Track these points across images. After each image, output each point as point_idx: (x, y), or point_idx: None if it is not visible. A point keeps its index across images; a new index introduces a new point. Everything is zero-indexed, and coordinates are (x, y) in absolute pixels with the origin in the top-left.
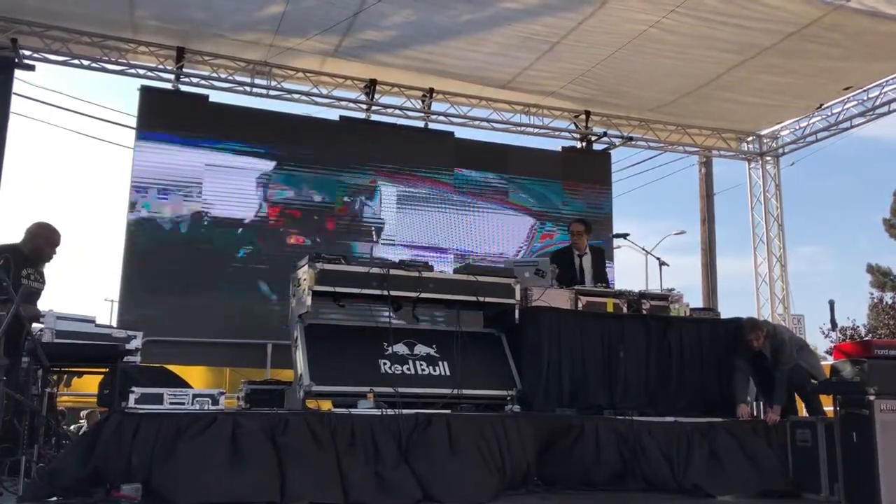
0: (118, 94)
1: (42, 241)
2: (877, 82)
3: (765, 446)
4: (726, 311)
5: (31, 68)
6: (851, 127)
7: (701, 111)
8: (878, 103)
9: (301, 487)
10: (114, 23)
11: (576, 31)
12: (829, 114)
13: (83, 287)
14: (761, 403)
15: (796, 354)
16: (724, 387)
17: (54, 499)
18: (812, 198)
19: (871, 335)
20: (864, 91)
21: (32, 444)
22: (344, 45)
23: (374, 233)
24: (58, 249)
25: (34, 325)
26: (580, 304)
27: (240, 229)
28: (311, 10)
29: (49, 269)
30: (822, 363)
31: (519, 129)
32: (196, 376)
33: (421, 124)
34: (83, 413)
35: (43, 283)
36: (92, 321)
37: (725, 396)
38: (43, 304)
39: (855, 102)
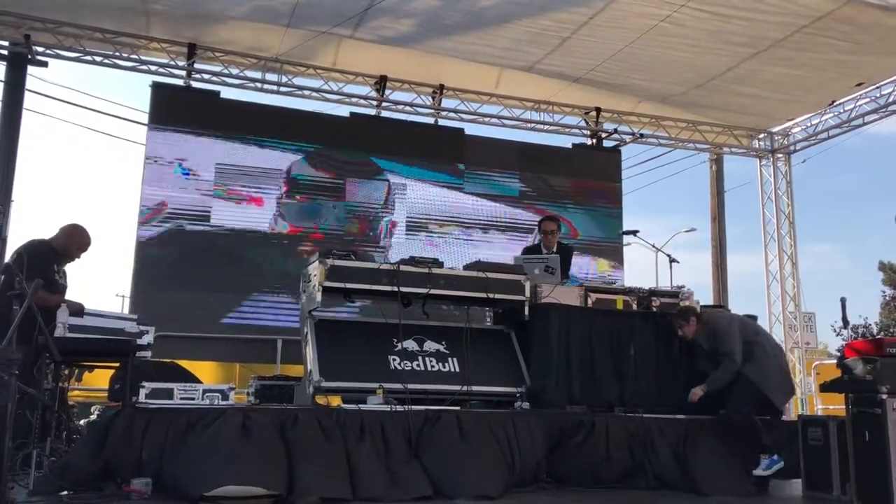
0: (131, 91)
1: (73, 242)
2: (890, 78)
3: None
4: (737, 308)
5: (44, 65)
6: (864, 124)
7: (713, 104)
8: (891, 100)
9: (310, 482)
10: (126, 11)
11: (587, 25)
12: (842, 111)
13: (95, 282)
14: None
15: (740, 349)
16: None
17: (65, 493)
18: (824, 195)
19: (883, 333)
20: (877, 87)
21: (44, 439)
22: (356, 37)
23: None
24: (83, 255)
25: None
26: (590, 302)
27: (250, 224)
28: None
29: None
30: (830, 362)
31: (529, 125)
32: (206, 372)
33: (431, 121)
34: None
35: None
36: (134, 320)
37: None
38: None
39: (868, 99)
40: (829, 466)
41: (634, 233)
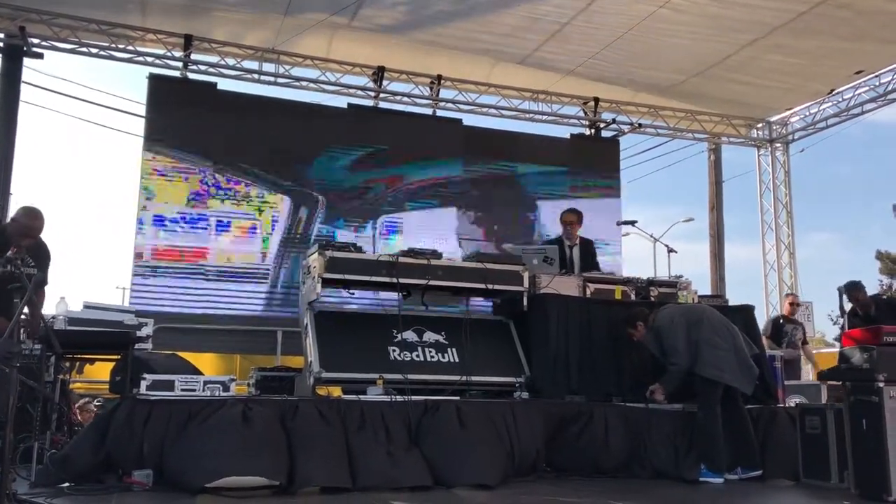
0: (129, 82)
1: (14, 229)
2: (889, 67)
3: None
4: (735, 298)
5: (40, 56)
6: (863, 113)
7: (711, 93)
8: (889, 88)
9: (311, 472)
10: (121, 2)
11: (585, 11)
12: (840, 99)
13: (94, 274)
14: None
15: (685, 348)
16: None
17: (66, 485)
18: (823, 184)
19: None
20: (876, 76)
21: (45, 431)
22: (352, 25)
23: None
24: (25, 241)
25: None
26: (588, 292)
27: (249, 216)
28: None
29: (61, 257)
30: (829, 350)
31: (527, 116)
32: (207, 363)
33: (429, 111)
34: (77, 405)
35: (33, 266)
36: (132, 312)
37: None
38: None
39: (867, 88)
40: (826, 454)
41: (633, 223)
